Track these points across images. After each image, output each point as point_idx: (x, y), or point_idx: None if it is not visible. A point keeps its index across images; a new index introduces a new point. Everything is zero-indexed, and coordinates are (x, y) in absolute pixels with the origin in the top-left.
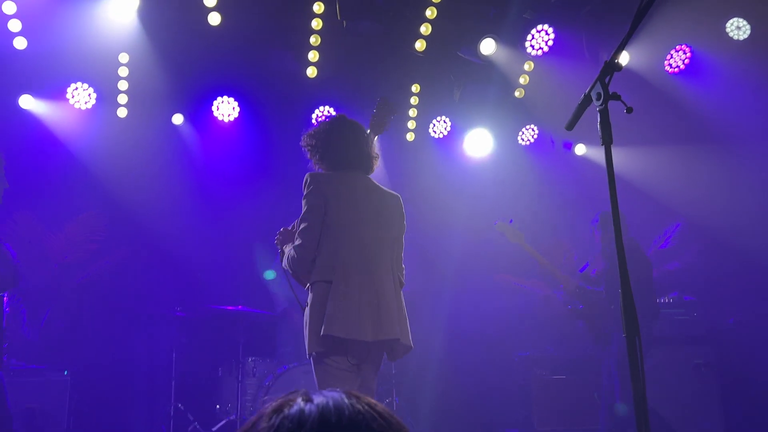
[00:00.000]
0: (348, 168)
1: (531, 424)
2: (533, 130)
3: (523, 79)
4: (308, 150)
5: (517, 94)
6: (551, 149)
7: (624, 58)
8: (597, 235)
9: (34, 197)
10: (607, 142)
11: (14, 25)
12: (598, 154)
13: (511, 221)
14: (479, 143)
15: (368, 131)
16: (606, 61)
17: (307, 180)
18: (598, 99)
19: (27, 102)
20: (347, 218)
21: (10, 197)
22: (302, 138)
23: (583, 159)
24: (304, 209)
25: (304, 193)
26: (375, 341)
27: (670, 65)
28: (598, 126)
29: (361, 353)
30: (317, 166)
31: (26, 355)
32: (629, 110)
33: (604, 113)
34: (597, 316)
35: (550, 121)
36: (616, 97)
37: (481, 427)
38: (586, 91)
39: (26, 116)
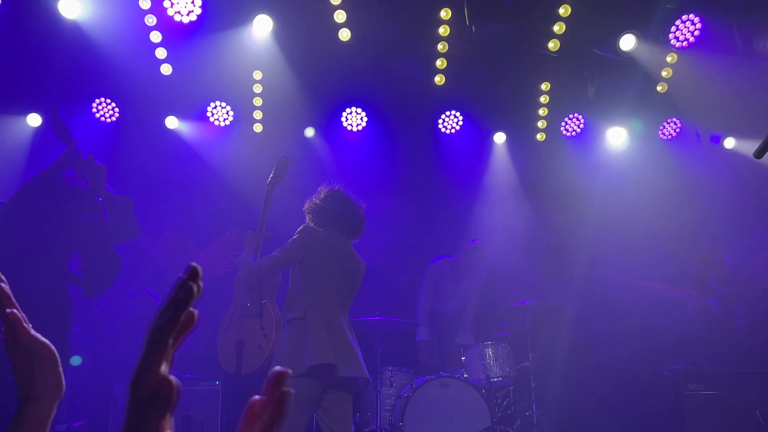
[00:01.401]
0: (334, 228)
1: None
2: (676, 123)
3: (665, 72)
4: (308, 211)
5: (659, 88)
6: (696, 143)
7: None
8: None
9: (183, 214)
10: None
11: (160, 53)
12: (750, 148)
13: (663, 237)
14: (616, 139)
15: (268, 186)
16: None
17: (302, 227)
18: None
19: (172, 123)
20: (326, 267)
21: (163, 216)
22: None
23: (733, 153)
24: (292, 239)
25: (297, 230)
26: (347, 377)
27: None
28: None
29: (333, 383)
30: (311, 223)
31: (181, 365)
32: None
33: None
34: None
35: (695, 114)
36: None
37: None
38: None
39: (172, 136)
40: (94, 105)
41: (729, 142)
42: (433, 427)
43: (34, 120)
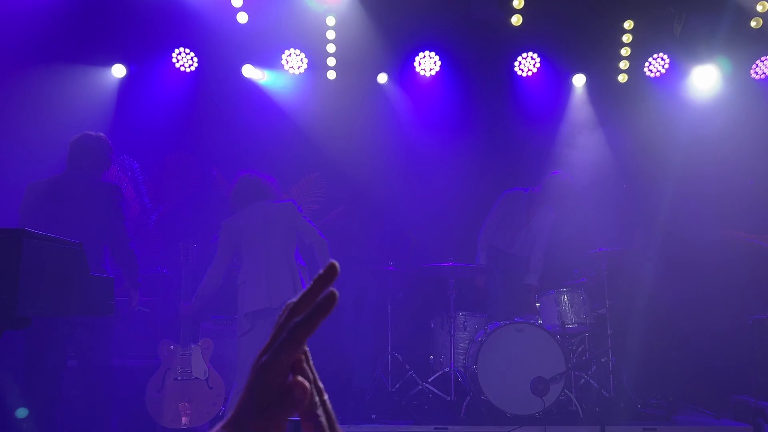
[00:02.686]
0: (249, 203)
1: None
2: None
3: (761, 7)
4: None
5: (753, 24)
6: None
7: None
8: None
9: (260, 161)
10: None
11: (237, 2)
12: None
13: (751, 182)
14: (704, 80)
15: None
16: None
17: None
18: None
19: (249, 71)
20: (249, 234)
21: (240, 162)
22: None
23: None
24: (217, 242)
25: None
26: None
27: None
28: None
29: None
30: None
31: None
32: None
33: None
34: None
35: None
36: None
37: (707, 392)
38: None
39: (249, 84)
40: (174, 55)
41: None
42: (507, 371)
43: (118, 71)
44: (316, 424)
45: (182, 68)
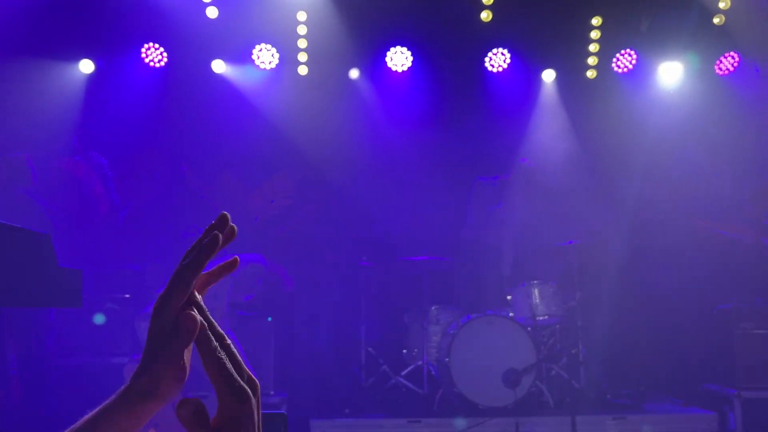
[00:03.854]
0: None
1: (733, 380)
2: (733, 57)
3: (723, 4)
4: None
5: (716, 20)
6: (755, 78)
7: None
8: None
9: (231, 157)
10: None
11: None
12: None
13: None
14: (670, 75)
15: None
16: None
17: None
18: None
19: (219, 66)
20: None
21: (212, 159)
22: None
23: None
24: None
25: None
26: None
27: None
28: None
29: None
30: None
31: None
32: None
33: None
34: None
35: (754, 48)
36: None
37: (675, 381)
38: None
39: (219, 79)
40: (143, 50)
41: None
42: (479, 363)
43: (86, 66)
44: (220, 365)
45: (152, 63)
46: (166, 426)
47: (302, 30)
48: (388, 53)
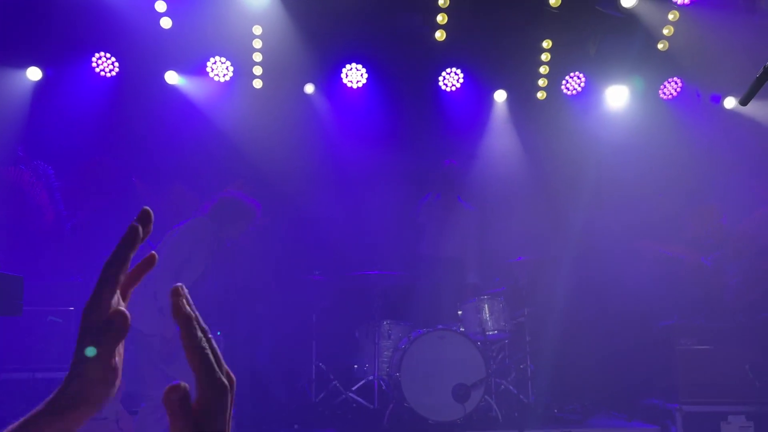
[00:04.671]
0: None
1: (675, 395)
2: (677, 83)
3: (667, 30)
4: None
5: (660, 46)
6: (697, 103)
7: None
8: None
9: (183, 169)
10: None
11: (160, 6)
12: (750, 108)
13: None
14: (617, 99)
15: None
16: None
17: None
18: None
19: (172, 78)
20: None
21: (163, 170)
22: None
23: (733, 113)
24: None
25: None
26: None
27: None
28: None
29: None
30: None
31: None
32: None
33: None
34: None
35: (696, 73)
36: None
37: (619, 396)
38: None
39: (172, 91)
40: (94, 59)
41: (729, 102)
42: (429, 378)
43: (34, 73)
44: (203, 357)
45: (102, 73)
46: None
47: (258, 44)
48: (344, 69)
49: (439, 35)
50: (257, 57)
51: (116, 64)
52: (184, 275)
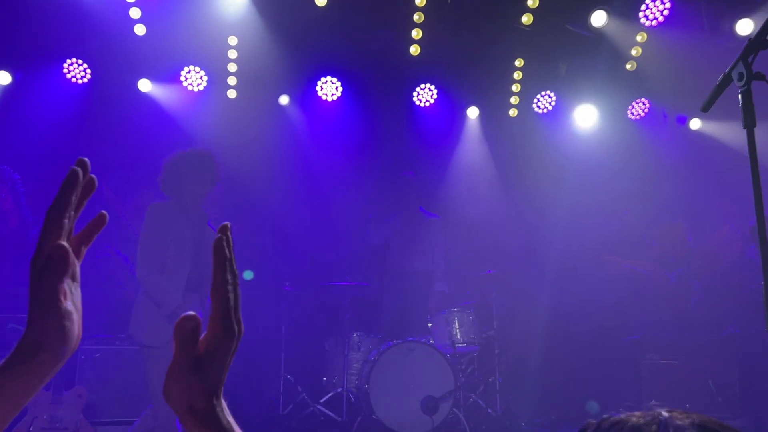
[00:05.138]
0: None
1: (641, 409)
2: (644, 103)
3: (635, 51)
4: None
5: (628, 66)
6: (663, 124)
7: (746, 27)
8: None
9: (154, 178)
10: (750, 125)
11: (134, 13)
12: (715, 129)
13: (626, 213)
14: (586, 118)
15: None
16: (750, 39)
17: None
18: (740, 79)
19: (145, 85)
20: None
21: (133, 179)
22: None
23: (698, 134)
24: None
25: None
26: None
27: None
28: (740, 108)
29: None
30: None
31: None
32: None
33: (747, 94)
34: None
35: (663, 95)
36: (761, 77)
37: (587, 410)
38: (727, 70)
39: (145, 99)
40: (66, 65)
41: (694, 123)
42: (398, 390)
43: (3, 78)
44: (225, 296)
45: (74, 79)
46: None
47: (233, 54)
48: (319, 82)
49: (414, 50)
50: (232, 67)
51: (88, 70)
52: (170, 264)
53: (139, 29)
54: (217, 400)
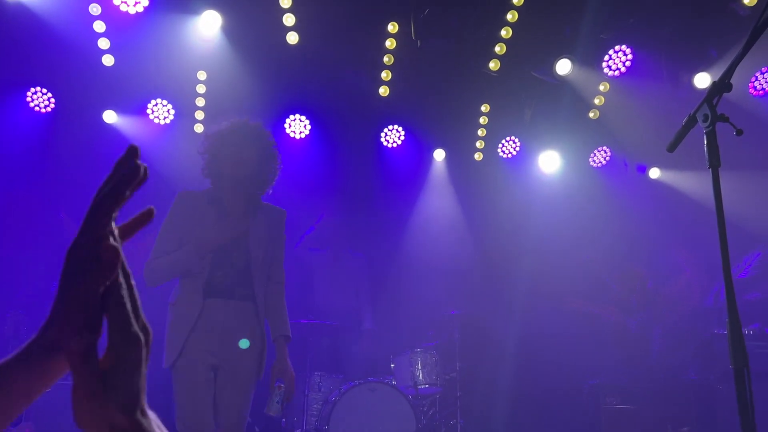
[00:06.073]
0: None
1: None
2: (606, 151)
3: (598, 100)
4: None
5: (591, 115)
6: (624, 172)
7: (704, 80)
8: None
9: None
10: (714, 165)
11: (103, 44)
12: (673, 178)
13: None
14: (549, 164)
15: None
16: (714, 82)
17: None
18: (705, 121)
19: (110, 117)
20: None
21: None
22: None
23: (657, 183)
24: None
25: None
26: None
27: (755, 87)
28: (705, 149)
29: None
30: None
31: None
32: (739, 132)
33: (711, 135)
34: None
35: (624, 143)
36: (724, 118)
37: None
38: (692, 112)
39: (109, 131)
40: (29, 94)
41: (654, 173)
42: None
43: None
44: (118, 302)
45: (37, 108)
46: None
47: (201, 89)
48: (287, 120)
49: (383, 91)
50: (200, 101)
51: (52, 99)
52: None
53: (107, 60)
54: (142, 416)
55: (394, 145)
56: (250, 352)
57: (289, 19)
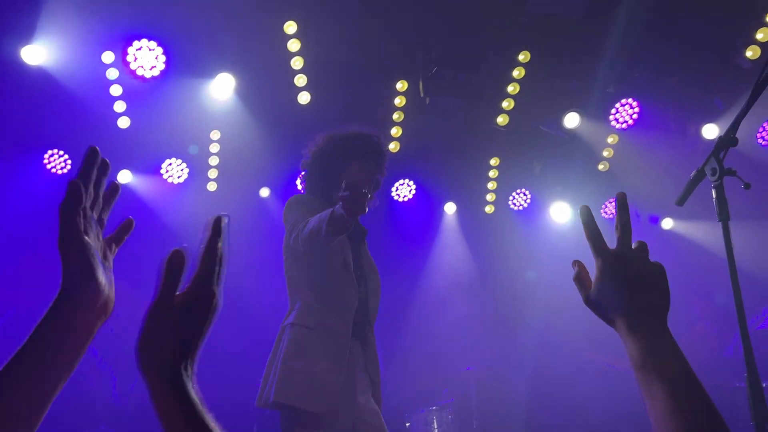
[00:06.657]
0: None
1: None
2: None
3: (607, 152)
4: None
5: (600, 167)
6: (637, 223)
7: (712, 131)
8: None
9: (133, 270)
10: (724, 218)
11: (119, 106)
12: (686, 228)
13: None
14: (561, 215)
15: None
16: (720, 137)
17: None
18: (713, 174)
19: (125, 177)
20: None
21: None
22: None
23: (670, 233)
24: None
25: None
26: None
27: (763, 138)
28: (714, 202)
29: None
30: None
31: (116, 422)
32: (747, 186)
33: (720, 189)
34: None
35: (635, 195)
36: (732, 172)
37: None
38: (700, 166)
39: (124, 191)
40: (46, 156)
41: (667, 223)
42: None
43: None
44: (212, 261)
45: (54, 170)
46: None
47: (215, 148)
48: (300, 176)
49: (393, 147)
50: (213, 160)
51: (69, 161)
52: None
53: (123, 122)
54: (191, 366)
55: (406, 198)
56: None
57: (300, 80)
